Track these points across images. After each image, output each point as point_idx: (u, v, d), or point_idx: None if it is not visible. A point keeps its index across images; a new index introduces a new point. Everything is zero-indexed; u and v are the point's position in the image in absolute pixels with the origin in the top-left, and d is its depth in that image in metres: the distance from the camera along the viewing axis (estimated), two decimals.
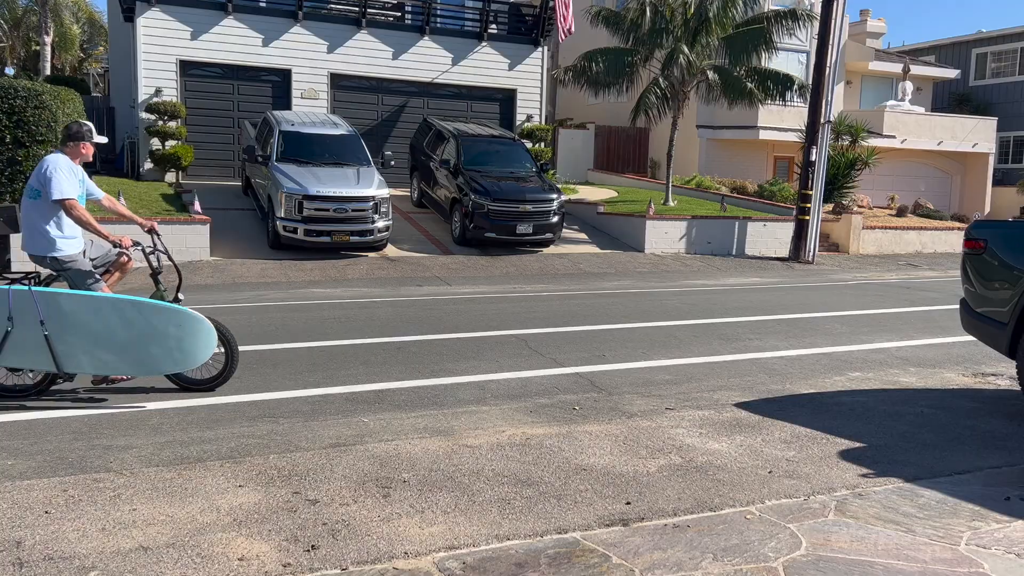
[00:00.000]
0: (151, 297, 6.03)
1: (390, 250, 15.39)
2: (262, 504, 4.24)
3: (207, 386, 6.30)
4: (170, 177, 18.87)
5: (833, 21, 17.30)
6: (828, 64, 17.37)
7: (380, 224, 14.63)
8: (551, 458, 5.03)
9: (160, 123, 18.68)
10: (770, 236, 18.43)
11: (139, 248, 6.21)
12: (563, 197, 16.68)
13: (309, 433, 5.41)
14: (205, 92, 19.82)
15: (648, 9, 18.12)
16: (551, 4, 21.53)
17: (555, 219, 16.07)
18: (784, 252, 18.05)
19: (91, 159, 6.37)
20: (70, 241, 6.01)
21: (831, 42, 17.31)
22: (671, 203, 19.20)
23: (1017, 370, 6.11)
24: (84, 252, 6.14)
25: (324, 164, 15.06)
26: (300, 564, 3.62)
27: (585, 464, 4.94)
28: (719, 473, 4.84)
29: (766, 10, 20.13)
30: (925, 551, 3.84)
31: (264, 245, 14.77)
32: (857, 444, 5.43)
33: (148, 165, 18.98)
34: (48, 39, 31.52)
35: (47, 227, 5.92)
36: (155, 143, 18.74)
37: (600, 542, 3.88)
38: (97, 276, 6.13)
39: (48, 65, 31.41)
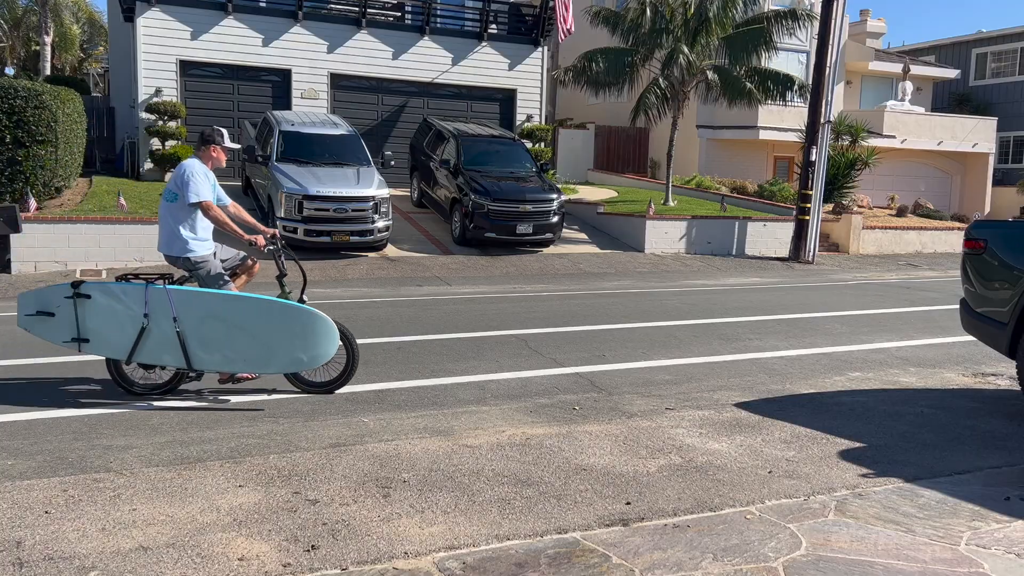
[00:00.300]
0: (277, 298, 6.09)
1: (390, 250, 15.39)
2: (262, 504, 4.24)
3: (326, 388, 6.31)
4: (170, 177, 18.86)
5: (833, 21, 17.29)
6: (828, 64, 17.36)
7: (380, 224, 14.62)
8: (551, 458, 5.03)
9: (160, 123, 18.68)
10: (770, 236, 18.43)
11: (271, 249, 6.33)
12: (563, 197, 16.67)
13: (309, 433, 5.41)
14: (205, 92, 19.82)
15: (648, 9, 18.11)
16: (551, 4, 21.53)
17: (555, 219, 16.06)
18: (784, 252, 18.05)
19: (224, 164, 6.54)
20: (202, 243, 6.21)
21: (831, 42, 17.30)
22: (671, 203, 19.20)
23: (1017, 370, 6.12)
24: (215, 254, 6.31)
25: (324, 164, 15.06)
26: (300, 564, 3.62)
27: (585, 464, 4.94)
28: (719, 473, 4.84)
29: (766, 10, 20.13)
30: (925, 551, 3.84)
31: None
32: (857, 444, 5.43)
33: (148, 165, 18.97)
34: (48, 39, 31.53)
35: (180, 228, 6.13)
36: (155, 143, 18.72)
37: (600, 542, 3.88)
38: (227, 278, 6.30)
39: (48, 65, 31.41)
